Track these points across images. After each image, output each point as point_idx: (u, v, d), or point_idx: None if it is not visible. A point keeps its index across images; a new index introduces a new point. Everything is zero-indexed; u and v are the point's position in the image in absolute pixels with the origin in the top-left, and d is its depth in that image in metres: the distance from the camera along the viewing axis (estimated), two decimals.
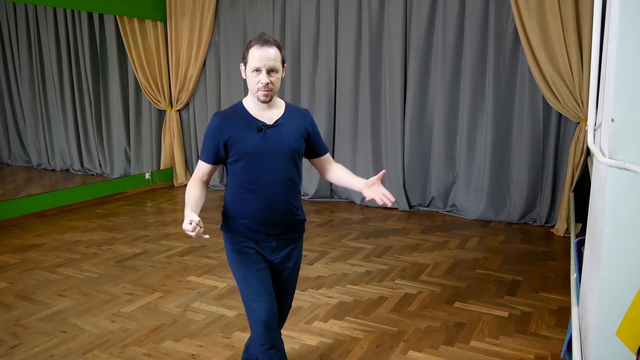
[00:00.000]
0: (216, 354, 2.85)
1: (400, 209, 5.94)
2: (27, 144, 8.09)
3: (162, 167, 7.36)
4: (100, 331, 3.11)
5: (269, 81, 2.00)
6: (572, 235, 4.37)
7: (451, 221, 5.55)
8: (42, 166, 7.97)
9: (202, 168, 2.16)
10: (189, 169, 7.42)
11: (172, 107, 7.24)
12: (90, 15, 7.13)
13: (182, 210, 6.12)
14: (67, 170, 7.78)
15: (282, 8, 6.35)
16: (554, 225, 5.16)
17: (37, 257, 4.43)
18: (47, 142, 7.86)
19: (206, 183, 2.17)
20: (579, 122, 4.89)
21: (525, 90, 5.22)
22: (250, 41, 2.05)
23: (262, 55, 1.98)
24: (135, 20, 6.83)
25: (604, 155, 1.77)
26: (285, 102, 2.21)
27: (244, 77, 2.08)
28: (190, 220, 1.89)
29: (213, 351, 2.89)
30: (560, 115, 5.13)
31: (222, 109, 6.97)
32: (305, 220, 2.26)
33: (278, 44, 2.05)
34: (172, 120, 7.24)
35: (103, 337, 3.04)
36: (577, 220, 4.71)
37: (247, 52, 2.03)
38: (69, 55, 7.41)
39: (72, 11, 7.14)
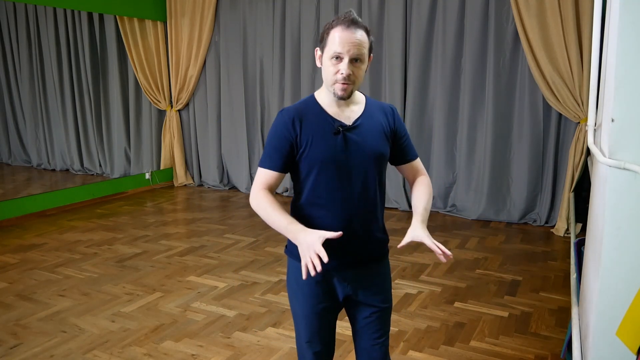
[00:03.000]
0: (216, 354, 2.85)
1: (400, 209, 5.94)
2: (27, 144, 8.10)
3: (162, 167, 7.36)
4: (100, 331, 3.11)
5: (351, 72, 1.60)
6: (572, 235, 4.37)
7: (451, 221, 5.55)
8: (42, 166, 7.97)
9: (266, 177, 1.71)
10: (189, 169, 7.42)
11: (172, 107, 7.24)
12: (90, 15, 7.13)
13: (183, 211, 6.13)
14: (67, 170, 7.79)
15: (282, 8, 6.35)
16: (554, 225, 5.16)
17: (37, 257, 4.43)
18: (47, 142, 7.86)
19: (272, 193, 1.74)
20: (579, 122, 4.89)
21: (525, 90, 5.22)
22: (333, 21, 1.63)
23: (346, 39, 1.58)
24: (135, 20, 6.83)
25: (604, 155, 1.77)
26: (366, 96, 1.80)
27: (318, 65, 1.68)
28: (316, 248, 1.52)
29: (213, 351, 2.89)
30: (560, 115, 5.13)
31: (222, 109, 7.00)
32: (387, 241, 1.85)
33: (367, 27, 1.63)
34: (172, 120, 7.24)
35: (103, 337, 3.04)
36: (577, 220, 4.70)
37: (327, 33, 1.62)
38: (69, 55, 7.42)
39: (72, 11, 7.14)
